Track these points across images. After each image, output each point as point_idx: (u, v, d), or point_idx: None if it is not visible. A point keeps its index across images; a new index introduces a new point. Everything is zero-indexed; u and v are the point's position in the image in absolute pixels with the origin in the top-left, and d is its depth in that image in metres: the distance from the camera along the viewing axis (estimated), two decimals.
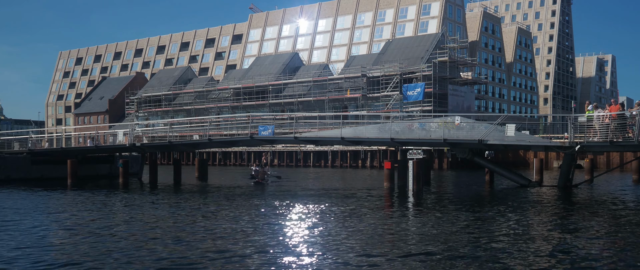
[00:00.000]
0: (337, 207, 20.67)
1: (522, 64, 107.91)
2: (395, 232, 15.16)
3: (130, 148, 35.45)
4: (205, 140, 33.09)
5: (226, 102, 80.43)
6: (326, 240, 13.79)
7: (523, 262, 11.27)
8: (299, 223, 16.60)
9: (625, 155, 48.70)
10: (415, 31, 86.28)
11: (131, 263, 11.24)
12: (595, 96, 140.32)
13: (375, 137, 29.71)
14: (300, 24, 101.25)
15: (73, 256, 11.95)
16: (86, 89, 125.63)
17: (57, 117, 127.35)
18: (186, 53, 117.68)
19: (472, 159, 29.64)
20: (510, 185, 30.82)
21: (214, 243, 13.34)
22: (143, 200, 23.77)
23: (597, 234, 14.89)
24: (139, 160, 42.95)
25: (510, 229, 15.43)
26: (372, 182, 36.70)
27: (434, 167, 57.01)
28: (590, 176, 36.36)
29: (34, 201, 23.46)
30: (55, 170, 37.48)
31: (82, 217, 18.25)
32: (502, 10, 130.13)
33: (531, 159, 55.12)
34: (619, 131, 23.64)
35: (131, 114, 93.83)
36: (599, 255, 12.04)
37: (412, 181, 27.15)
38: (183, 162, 61.98)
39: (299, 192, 27.97)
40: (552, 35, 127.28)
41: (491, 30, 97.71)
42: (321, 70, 79.84)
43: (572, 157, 27.71)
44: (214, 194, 26.79)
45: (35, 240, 13.93)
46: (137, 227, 16.06)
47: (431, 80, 63.54)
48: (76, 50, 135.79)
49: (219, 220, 17.46)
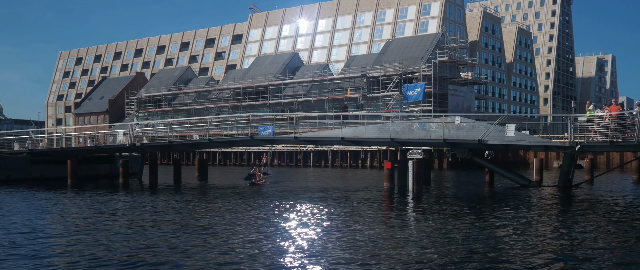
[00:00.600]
0: (337, 207, 20.67)
1: (522, 64, 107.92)
2: (394, 232, 15.15)
3: (130, 148, 35.45)
4: (205, 140, 33.10)
5: (226, 102, 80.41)
6: (326, 240, 13.78)
7: (523, 262, 11.26)
8: (299, 223, 16.59)
9: (625, 155, 48.71)
10: (415, 31, 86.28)
11: (131, 263, 11.24)
12: (595, 96, 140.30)
13: (375, 137, 29.72)
14: (300, 24, 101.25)
15: (72, 256, 11.95)
16: (86, 89, 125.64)
17: (57, 117, 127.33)
18: (186, 53, 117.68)
19: (472, 159, 29.64)
20: (510, 185, 30.82)
21: (213, 243, 13.34)
22: (143, 200, 23.77)
23: (597, 234, 14.88)
24: (139, 160, 42.95)
25: (510, 229, 15.43)
26: (372, 182, 36.70)
27: (434, 167, 57.01)
28: (590, 176, 36.36)
29: (34, 201, 23.46)
30: (55, 170, 37.48)
31: (82, 217, 18.25)
32: (502, 10, 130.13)
33: (531, 159, 55.13)
34: (618, 131, 23.65)
35: (131, 114, 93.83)
36: (598, 255, 12.03)
37: (412, 181, 27.14)
38: (183, 162, 62.01)
39: (298, 192, 27.96)
40: (552, 35, 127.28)
41: (491, 30, 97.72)
42: (321, 70, 79.85)
43: (572, 157, 27.71)
44: (213, 194, 26.77)
45: (35, 240, 13.93)
46: (137, 226, 16.06)
47: (431, 80, 63.53)
48: (76, 50, 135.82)
49: (219, 220, 17.45)
